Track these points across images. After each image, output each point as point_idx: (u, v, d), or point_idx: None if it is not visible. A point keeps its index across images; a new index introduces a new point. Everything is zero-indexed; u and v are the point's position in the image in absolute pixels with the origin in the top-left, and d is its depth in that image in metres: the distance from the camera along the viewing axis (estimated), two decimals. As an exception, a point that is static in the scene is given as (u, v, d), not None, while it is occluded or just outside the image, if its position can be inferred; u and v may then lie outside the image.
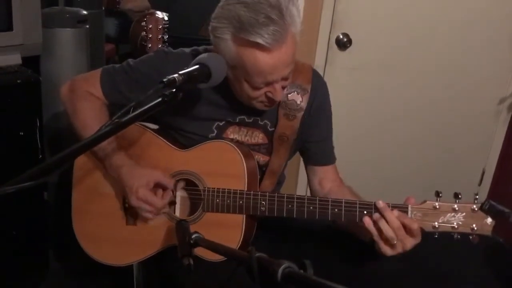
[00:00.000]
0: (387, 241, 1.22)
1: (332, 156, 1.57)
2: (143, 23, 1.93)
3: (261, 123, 1.47)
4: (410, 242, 1.22)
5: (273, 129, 1.47)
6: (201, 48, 1.43)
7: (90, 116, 1.43)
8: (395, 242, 1.21)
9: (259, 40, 1.17)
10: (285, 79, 1.30)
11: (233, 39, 1.22)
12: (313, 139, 1.52)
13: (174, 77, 1.09)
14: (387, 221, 1.21)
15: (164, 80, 1.08)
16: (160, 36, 1.93)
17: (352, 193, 1.48)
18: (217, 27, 1.24)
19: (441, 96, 2.61)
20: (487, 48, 2.54)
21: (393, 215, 1.21)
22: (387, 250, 1.23)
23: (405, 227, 1.21)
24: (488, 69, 2.57)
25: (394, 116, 2.63)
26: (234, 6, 1.20)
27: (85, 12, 2.26)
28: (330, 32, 2.46)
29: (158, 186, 1.39)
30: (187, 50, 1.44)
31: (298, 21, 1.23)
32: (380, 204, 1.23)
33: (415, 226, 1.21)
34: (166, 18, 1.94)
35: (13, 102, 1.87)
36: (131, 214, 1.46)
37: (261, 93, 1.30)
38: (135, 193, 1.35)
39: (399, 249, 1.23)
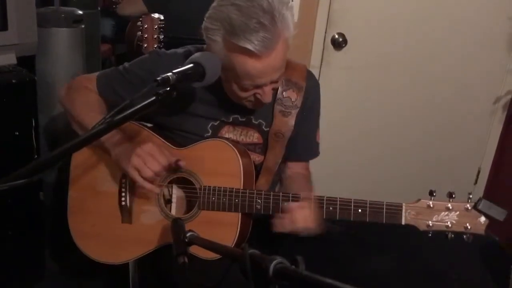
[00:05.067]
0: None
1: (308, 153, 1.57)
2: (139, 23, 1.93)
3: (255, 122, 1.47)
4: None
5: (267, 129, 1.48)
6: (193, 48, 1.43)
7: (89, 109, 1.43)
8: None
9: (249, 46, 1.17)
10: (274, 82, 1.31)
11: (224, 42, 1.22)
12: (296, 137, 1.51)
13: (168, 75, 1.09)
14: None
15: (158, 78, 1.08)
16: (156, 36, 1.92)
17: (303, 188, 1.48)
18: (209, 28, 1.24)
19: (436, 95, 2.61)
20: (482, 48, 2.55)
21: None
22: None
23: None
24: (483, 68, 2.58)
25: (390, 115, 2.64)
26: (227, 8, 1.20)
27: (80, 12, 2.26)
28: (325, 32, 2.47)
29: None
30: (180, 50, 1.45)
31: (291, 25, 1.23)
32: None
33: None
34: (161, 18, 1.94)
35: (8, 102, 1.86)
36: (127, 212, 1.46)
37: (250, 94, 1.32)
38: (135, 151, 1.30)
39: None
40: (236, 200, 1.35)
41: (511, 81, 2.61)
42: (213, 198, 1.37)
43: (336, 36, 2.47)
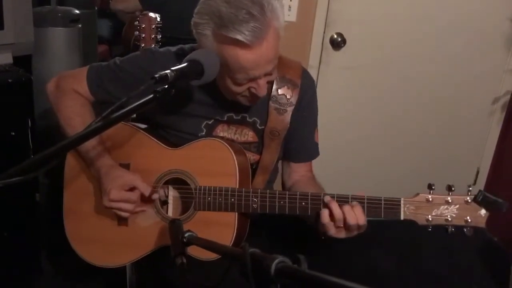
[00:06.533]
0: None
1: (309, 154, 1.56)
2: (136, 23, 1.92)
3: (250, 120, 1.46)
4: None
5: (262, 127, 1.46)
6: (187, 46, 1.42)
7: (74, 114, 1.42)
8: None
9: (239, 37, 1.16)
10: (268, 74, 1.29)
11: (214, 35, 1.21)
12: (295, 137, 1.50)
13: (166, 73, 1.08)
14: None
15: (156, 76, 1.07)
16: (153, 36, 1.92)
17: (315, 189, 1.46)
18: (198, 23, 1.23)
19: (435, 95, 2.61)
20: (481, 48, 2.55)
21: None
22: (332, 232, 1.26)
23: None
24: (482, 68, 2.58)
25: (389, 115, 2.63)
26: (215, 1, 1.19)
27: (77, 12, 2.25)
28: (324, 32, 2.46)
29: (134, 190, 1.37)
30: (173, 48, 1.43)
31: (281, 15, 1.22)
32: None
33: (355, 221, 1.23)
34: (158, 19, 1.93)
35: (4, 102, 1.85)
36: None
37: (244, 89, 1.30)
38: (107, 194, 1.34)
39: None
40: (232, 200, 1.33)
41: (509, 81, 2.61)
42: (209, 199, 1.35)
43: (335, 36, 2.46)
